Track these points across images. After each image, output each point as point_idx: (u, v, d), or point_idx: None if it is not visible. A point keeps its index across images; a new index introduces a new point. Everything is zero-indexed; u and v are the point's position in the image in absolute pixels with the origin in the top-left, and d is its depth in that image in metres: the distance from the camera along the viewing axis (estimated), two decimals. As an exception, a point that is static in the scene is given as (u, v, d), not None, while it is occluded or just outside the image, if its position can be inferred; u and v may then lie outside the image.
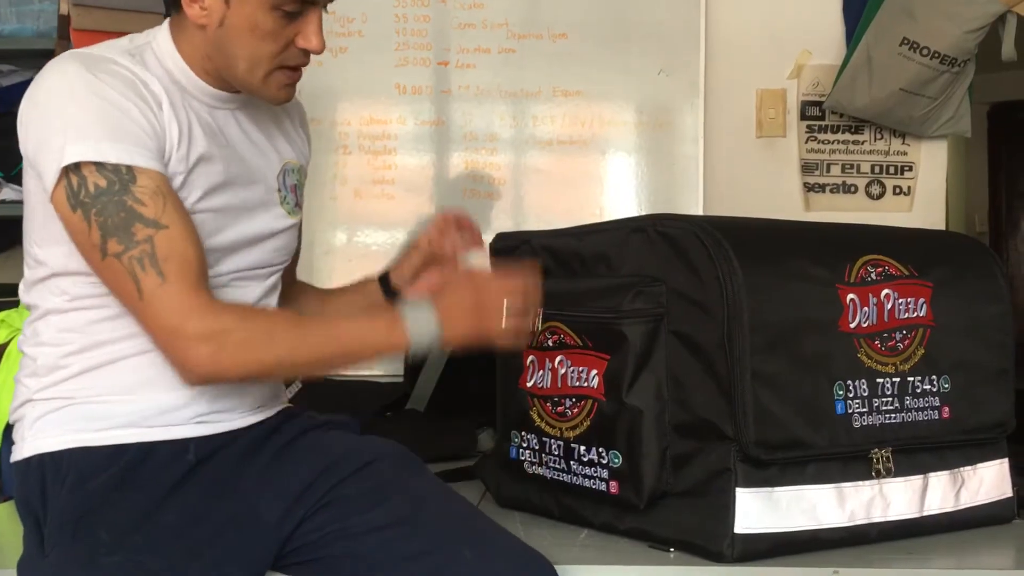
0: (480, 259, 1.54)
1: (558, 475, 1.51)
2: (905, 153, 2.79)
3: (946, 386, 1.49)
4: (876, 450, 1.41)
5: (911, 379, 1.45)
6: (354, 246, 2.71)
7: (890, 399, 1.43)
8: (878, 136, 2.79)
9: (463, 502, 1.38)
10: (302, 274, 1.64)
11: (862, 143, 2.80)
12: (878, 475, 1.41)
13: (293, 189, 1.49)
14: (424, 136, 2.75)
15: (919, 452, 1.47)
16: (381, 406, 2.27)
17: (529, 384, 1.55)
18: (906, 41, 2.55)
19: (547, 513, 1.56)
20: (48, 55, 2.41)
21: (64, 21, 2.31)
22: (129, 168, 1.24)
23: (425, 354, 1.36)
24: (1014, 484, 1.60)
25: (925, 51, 2.53)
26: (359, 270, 1.57)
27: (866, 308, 1.42)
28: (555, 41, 2.74)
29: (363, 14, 2.69)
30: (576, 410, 1.48)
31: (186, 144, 1.31)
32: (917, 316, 1.47)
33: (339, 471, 1.34)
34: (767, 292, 1.36)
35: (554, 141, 2.77)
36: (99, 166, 1.22)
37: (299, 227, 1.52)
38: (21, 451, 1.32)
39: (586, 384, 1.47)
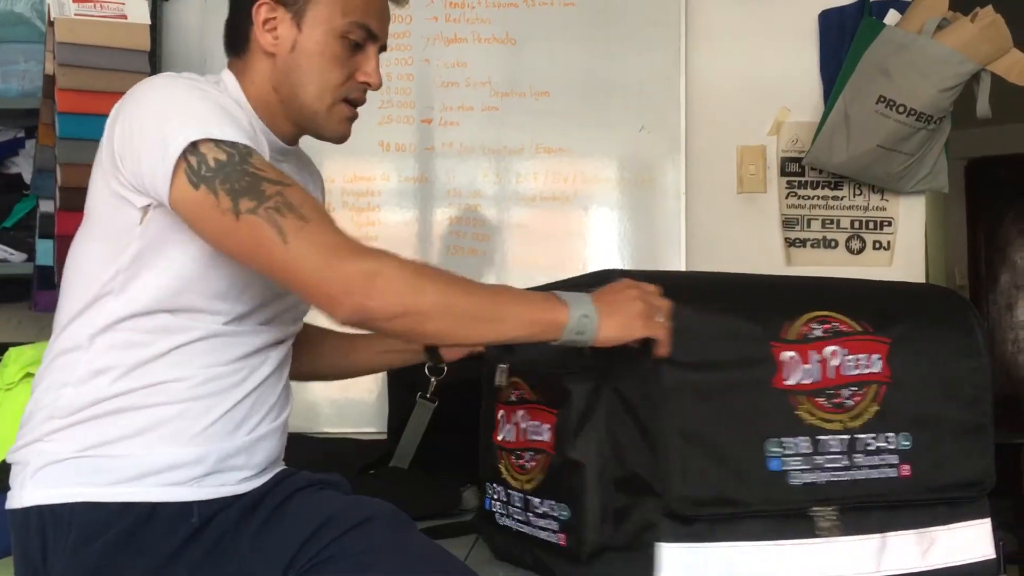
0: None
1: (520, 526, 1.53)
2: (884, 208, 2.82)
3: (906, 443, 1.45)
4: (818, 508, 1.39)
5: (862, 436, 1.42)
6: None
7: (837, 456, 1.40)
8: (857, 192, 2.82)
9: (455, 562, 1.36)
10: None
11: (841, 199, 2.83)
12: (823, 533, 1.39)
13: None
14: (408, 193, 2.77)
15: (874, 510, 1.43)
16: (365, 464, 2.25)
17: (499, 438, 1.57)
18: (882, 99, 2.59)
19: (524, 564, 1.55)
20: (33, 114, 2.43)
21: (49, 81, 2.32)
22: (246, 146, 1.26)
23: (577, 342, 1.30)
24: (1000, 539, 1.58)
25: (901, 108, 2.57)
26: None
27: (807, 365, 1.40)
28: (537, 99, 2.77)
29: (347, 73, 2.71)
30: (533, 463, 1.49)
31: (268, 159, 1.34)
32: (870, 372, 1.44)
33: (331, 531, 1.33)
34: (694, 347, 1.35)
35: (537, 197, 2.78)
36: (217, 143, 1.24)
37: None
38: (20, 499, 1.30)
39: (540, 438, 1.47)
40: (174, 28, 2.65)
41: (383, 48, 1.46)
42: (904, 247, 2.82)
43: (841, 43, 2.74)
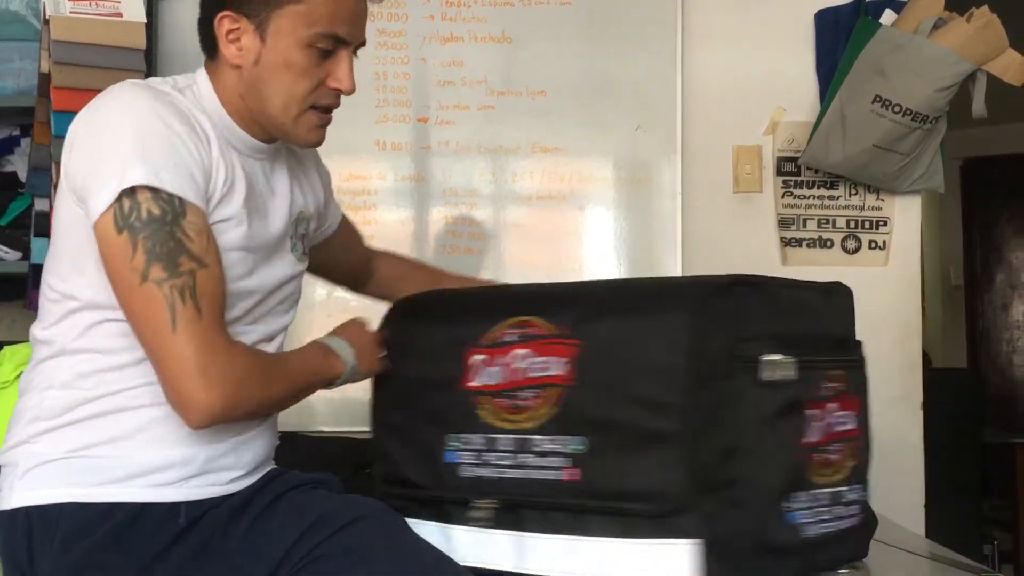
0: None
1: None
2: (880, 208, 2.82)
3: (579, 447, 1.39)
4: (480, 500, 1.45)
5: (533, 437, 1.41)
6: (334, 300, 2.70)
7: (506, 455, 1.44)
8: (853, 191, 2.83)
9: (445, 560, 1.37)
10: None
11: (837, 198, 2.83)
12: (476, 523, 1.45)
13: (302, 238, 1.52)
14: (404, 192, 2.77)
15: (530, 509, 1.42)
16: (358, 463, 2.25)
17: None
18: (878, 99, 2.59)
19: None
20: (29, 113, 2.43)
21: (45, 79, 2.32)
22: (181, 201, 1.25)
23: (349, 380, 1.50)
24: (992, 538, 1.58)
25: (897, 108, 2.58)
26: (335, 321, 1.57)
27: (492, 368, 1.46)
28: (534, 98, 2.77)
29: (343, 72, 2.71)
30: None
31: (229, 184, 1.34)
32: (553, 375, 1.41)
33: (322, 531, 1.33)
34: (404, 351, 1.56)
35: (533, 196, 2.78)
36: (155, 193, 1.23)
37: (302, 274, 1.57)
38: (8, 500, 1.30)
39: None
40: (170, 26, 2.65)
41: (361, 45, 1.43)
42: (900, 247, 2.82)
43: (837, 43, 2.74)
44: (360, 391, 1.78)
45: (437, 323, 1.56)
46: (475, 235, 2.77)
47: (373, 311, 1.65)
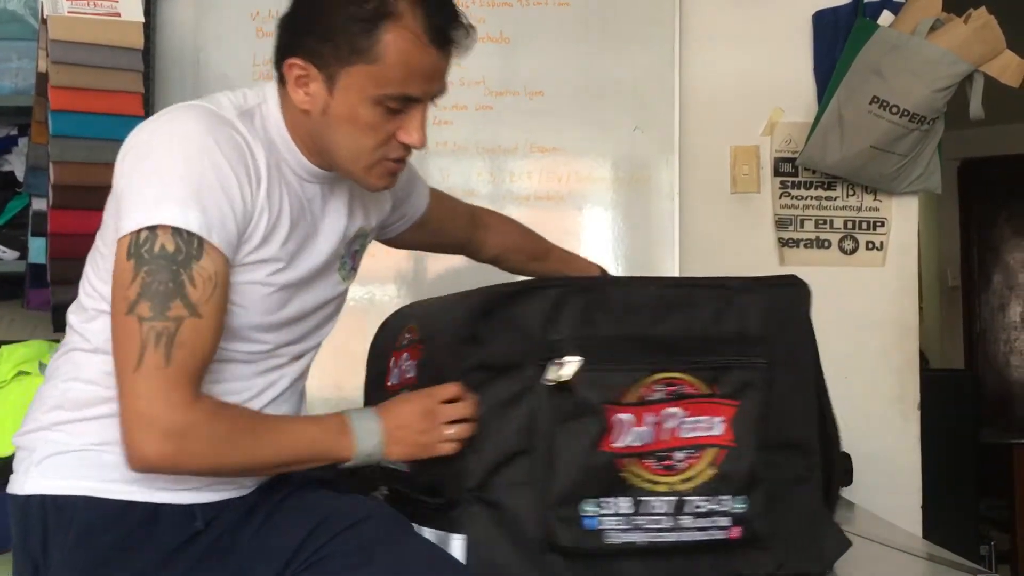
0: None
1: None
2: (877, 209, 2.83)
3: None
4: None
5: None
6: (348, 306, 2.70)
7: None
8: (850, 192, 2.83)
9: (451, 562, 1.36)
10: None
11: (835, 199, 2.83)
12: None
13: (353, 256, 1.51)
14: (402, 192, 2.76)
15: None
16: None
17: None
18: (876, 99, 2.59)
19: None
20: (26, 112, 2.43)
21: (42, 78, 2.31)
22: (201, 243, 1.23)
23: (366, 464, 1.39)
24: (989, 539, 1.58)
25: (894, 109, 2.58)
26: (341, 324, 1.57)
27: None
28: (531, 98, 2.77)
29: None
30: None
31: (272, 225, 1.31)
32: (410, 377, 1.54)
33: (326, 531, 1.34)
34: None
35: (531, 197, 2.78)
36: (176, 231, 1.22)
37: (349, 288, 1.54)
38: (23, 486, 1.31)
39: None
40: (168, 26, 2.64)
41: (440, 93, 1.37)
42: (897, 248, 2.82)
43: (835, 44, 2.74)
44: (360, 390, 1.78)
45: None
46: (473, 235, 2.76)
47: (369, 313, 1.64)
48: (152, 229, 1.22)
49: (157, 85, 2.61)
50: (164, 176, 1.24)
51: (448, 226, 1.81)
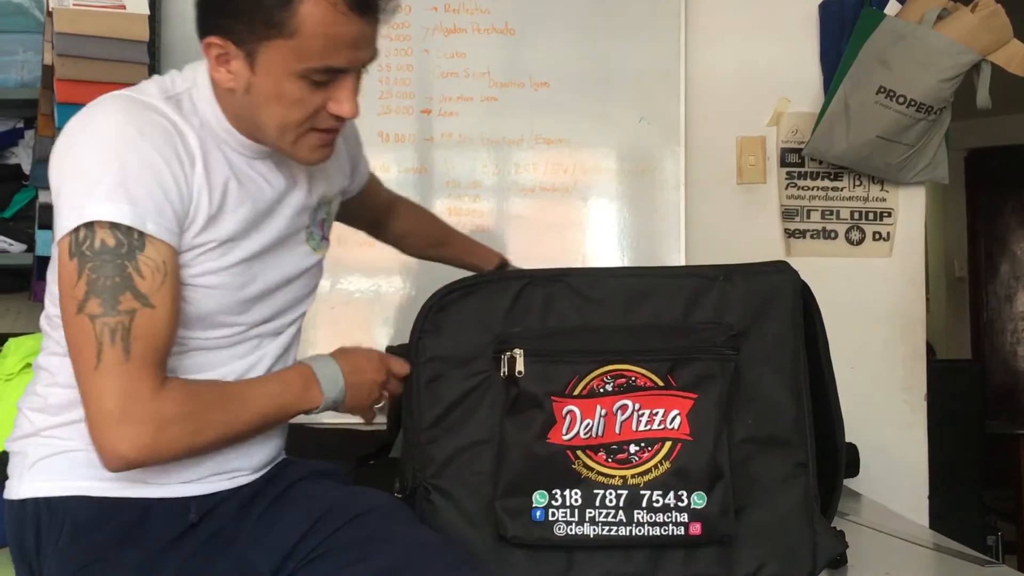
0: None
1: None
2: (884, 199, 2.82)
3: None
4: None
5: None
6: (336, 293, 2.70)
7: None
8: (857, 183, 2.82)
9: (454, 552, 1.35)
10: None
11: (841, 189, 2.83)
12: None
13: (321, 224, 1.48)
14: (407, 183, 2.76)
15: None
16: (363, 455, 2.25)
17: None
18: (882, 89, 2.58)
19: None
20: (32, 105, 2.43)
21: (48, 71, 2.32)
22: (141, 235, 1.21)
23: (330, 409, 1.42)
24: (996, 529, 1.57)
25: (901, 99, 2.57)
26: (342, 317, 1.58)
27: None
28: (536, 89, 2.77)
29: (346, 63, 2.70)
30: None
31: (217, 204, 1.29)
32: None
33: (329, 523, 1.34)
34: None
35: (536, 188, 2.78)
36: (113, 226, 1.20)
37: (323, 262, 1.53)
38: (18, 490, 1.31)
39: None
40: (173, 18, 2.64)
41: (369, 61, 1.33)
42: (904, 238, 2.82)
43: (841, 33, 2.74)
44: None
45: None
46: (478, 226, 2.76)
47: (375, 305, 1.64)
48: (89, 226, 1.19)
49: (162, 77, 2.61)
50: (89, 172, 1.21)
51: (370, 203, 1.80)
